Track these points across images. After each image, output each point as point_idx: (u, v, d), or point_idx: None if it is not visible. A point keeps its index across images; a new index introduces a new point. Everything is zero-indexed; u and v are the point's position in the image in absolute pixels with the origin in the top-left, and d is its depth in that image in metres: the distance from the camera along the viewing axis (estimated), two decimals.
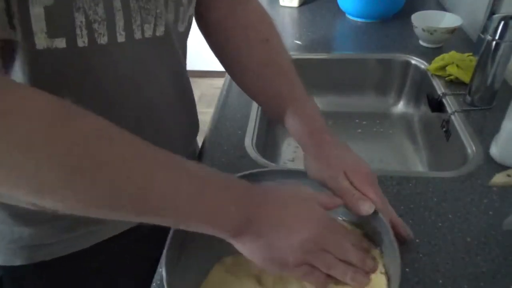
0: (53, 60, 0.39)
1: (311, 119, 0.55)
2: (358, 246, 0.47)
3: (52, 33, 0.37)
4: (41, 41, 0.37)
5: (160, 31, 0.47)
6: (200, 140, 0.77)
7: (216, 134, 0.79)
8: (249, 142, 0.76)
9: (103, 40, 0.41)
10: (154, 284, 0.52)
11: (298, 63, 1.07)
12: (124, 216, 0.36)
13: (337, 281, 0.45)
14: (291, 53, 1.08)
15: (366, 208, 0.48)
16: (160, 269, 0.53)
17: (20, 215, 0.49)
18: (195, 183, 0.38)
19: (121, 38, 0.43)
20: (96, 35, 0.40)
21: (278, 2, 1.35)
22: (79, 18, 0.38)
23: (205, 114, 0.70)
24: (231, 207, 0.39)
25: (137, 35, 0.44)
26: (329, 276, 0.44)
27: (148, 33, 0.46)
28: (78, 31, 0.39)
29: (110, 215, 0.36)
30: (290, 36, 1.18)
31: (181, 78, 0.56)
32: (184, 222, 0.39)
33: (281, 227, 0.41)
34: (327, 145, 0.53)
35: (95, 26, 0.40)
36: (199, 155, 0.74)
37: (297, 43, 1.13)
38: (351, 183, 0.50)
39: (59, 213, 0.48)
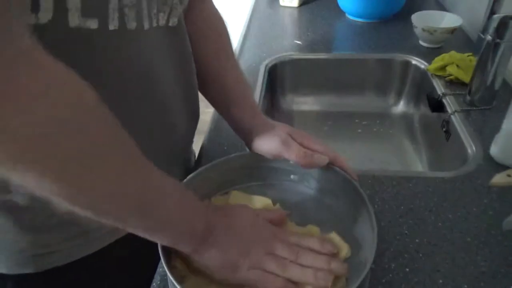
0: (84, 42, 0.39)
1: (252, 108, 0.61)
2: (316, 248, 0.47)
3: (85, 12, 0.37)
4: (74, 19, 0.37)
5: (173, 22, 0.49)
6: (200, 140, 0.77)
7: (216, 134, 0.79)
8: None
9: (131, 25, 0.42)
10: (154, 284, 0.52)
11: (298, 63, 1.09)
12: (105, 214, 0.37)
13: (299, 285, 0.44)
14: (291, 53, 1.09)
15: (321, 160, 0.54)
16: (160, 269, 0.54)
17: (26, 223, 0.48)
18: (178, 192, 0.42)
19: (146, 25, 0.44)
20: (126, 20, 0.41)
21: (278, 2, 1.35)
22: (113, 1, 0.39)
23: (205, 114, 0.70)
24: (197, 218, 0.43)
25: (154, 22, 0.46)
26: (289, 281, 0.43)
27: (162, 22, 0.47)
28: (110, 13, 0.39)
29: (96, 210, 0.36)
30: (290, 36, 1.18)
31: (189, 69, 0.58)
32: (160, 230, 0.41)
33: (231, 235, 0.45)
34: (269, 123, 0.59)
35: (126, 10, 0.40)
36: (199, 155, 0.74)
37: (297, 43, 1.13)
38: (300, 144, 0.55)
39: (65, 219, 0.49)
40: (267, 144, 0.57)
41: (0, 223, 0.48)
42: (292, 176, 0.59)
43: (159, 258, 0.54)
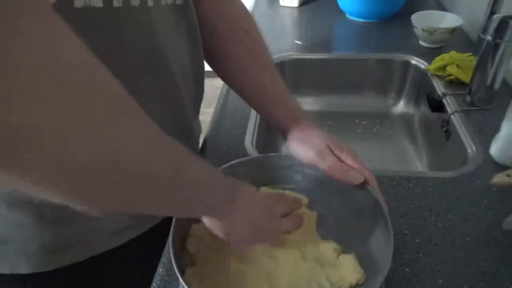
0: (90, 21, 0.39)
1: (293, 108, 0.60)
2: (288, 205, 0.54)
3: None
4: None
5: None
6: (200, 140, 0.77)
7: (216, 134, 0.79)
8: (249, 142, 0.76)
9: (135, 2, 0.42)
10: (154, 284, 0.52)
11: (298, 63, 1.09)
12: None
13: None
14: (291, 53, 1.09)
15: (356, 178, 0.51)
16: (160, 269, 0.53)
17: (46, 216, 0.48)
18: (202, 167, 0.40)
19: (150, 2, 0.44)
20: None
21: (278, 2, 1.35)
22: None
23: (205, 114, 0.70)
24: (227, 188, 0.44)
25: (163, 1, 0.46)
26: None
27: (170, 0, 0.47)
28: None
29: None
30: (290, 36, 1.18)
31: (197, 49, 0.57)
32: (196, 205, 0.41)
33: (250, 207, 0.47)
34: (309, 128, 0.57)
35: None
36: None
37: (297, 43, 1.13)
38: (337, 157, 0.53)
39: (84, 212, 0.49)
40: (302, 151, 0.55)
41: (22, 220, 0.48)
42: None
43: (159, 259, 0.55)
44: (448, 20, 1.05)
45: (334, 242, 0.52)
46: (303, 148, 0.55)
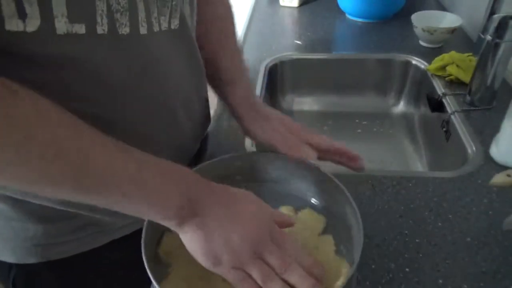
0: (74, 48, 0.38)
1: (246, 89, 0.60)
2: (306, 259, 0.42)
3: (72, 18, 0.37)
4: (61, 25, 0.36)
5: (174, 24, 0.48)
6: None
7: (216, 134, 0.79)
8: (249, 142, 0.76)
9: (124, 30, 0.41)
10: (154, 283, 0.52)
11: (298, 63, 1.09)
12: (65, 193, 0.36)
13: None
14: (291, 53, 1.09)
15: (310, 154, 0.53)
16: None
17: (34, 212, 0.49)
18: (138, 161, 0.38)
19: (143, 30, 0.43)
20: (117, 25, 0.40)
21: (278, 2, 1.35)
22: (100, 6, 0.38)
23: None
24: (173, 188, 0.38)
25: (155, 27, 0.45)
26: None
27: (164, 26, 0.46)
28: (98, 19, 0.38)
29: (51, 191, 0.36)
30: (290, 36, 1.18)
31: (196, 72, 0.56)
32: (127, 203, 0.37)
33: (223, 221, 0.40)
34: (266, 113, 0.58)
35: (117, 16, 0.40)
36: (197, 155, 0.74)
37: (297, 43, 1.13)
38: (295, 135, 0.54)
39: (72, 211, 0.49)
40: (263, 136, 0.56)
41: (7, 211, 0.48)
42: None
43: None
44: (448, 20, 1.05)
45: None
46: (262, 130, 0.56)
